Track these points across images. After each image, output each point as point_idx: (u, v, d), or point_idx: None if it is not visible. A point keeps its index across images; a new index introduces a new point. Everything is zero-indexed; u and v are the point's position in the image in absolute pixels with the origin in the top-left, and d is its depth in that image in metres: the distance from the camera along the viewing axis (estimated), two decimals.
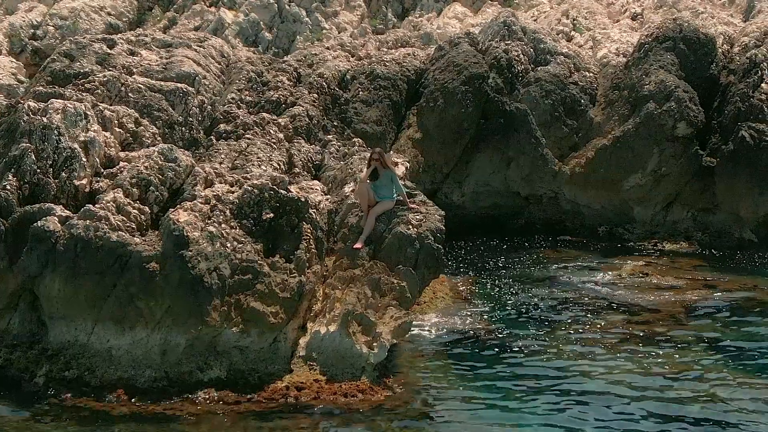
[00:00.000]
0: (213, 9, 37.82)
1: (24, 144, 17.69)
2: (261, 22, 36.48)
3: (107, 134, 19.05)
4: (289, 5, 37.26)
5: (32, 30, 34.65)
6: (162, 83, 22.70)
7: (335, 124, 26.01)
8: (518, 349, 18.91)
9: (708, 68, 29.09)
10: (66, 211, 17.09)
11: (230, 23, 36.13)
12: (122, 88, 21.86)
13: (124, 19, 37.50)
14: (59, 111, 18.31)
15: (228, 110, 23.98)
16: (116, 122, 19.64)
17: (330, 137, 24.41)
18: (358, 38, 35.34)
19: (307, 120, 24.55)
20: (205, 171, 18.42)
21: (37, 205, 17.09)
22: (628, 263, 25.08)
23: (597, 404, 16.15)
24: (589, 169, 28.01)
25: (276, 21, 36.90)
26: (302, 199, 17.76)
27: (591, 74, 29.86)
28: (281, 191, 17.64)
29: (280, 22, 36.85)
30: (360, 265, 17.93)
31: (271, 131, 23.08)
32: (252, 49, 32.29)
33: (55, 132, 17.97)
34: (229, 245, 16.81)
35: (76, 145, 18.07)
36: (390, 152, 24.35)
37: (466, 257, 25.55)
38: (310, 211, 17.91)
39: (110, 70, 22.64)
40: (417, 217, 18.69)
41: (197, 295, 16.18)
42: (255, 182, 17.78)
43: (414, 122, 27.81)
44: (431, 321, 20.26)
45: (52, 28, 35.28)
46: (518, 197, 28.76)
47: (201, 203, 17.30)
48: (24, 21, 34.12)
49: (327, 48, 30.54)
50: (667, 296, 22.31)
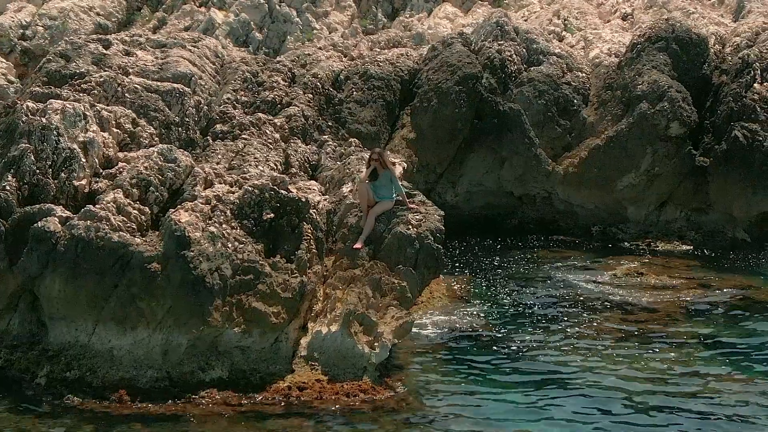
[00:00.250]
0: (203, 9, 37.75)
1: (23, 144, 17.59)
2: (251, 23, 36.46)
3: (105, 135, 18.97)
4: (280, 5, 37.24)
5: (21, 30, 34.58)
6: (158, 83, 22.66)
7: (330, 125, 26.04)
8: (517, 348, 18.96)
9: (700, 68, 29.22)
10: (66, 212, 16.99)
11: (221, 23, 36.10)
12: (119, 89, 21.81)
13: (113, 20, 37.45)
14: (58, 111, 18.21)
15: (224, 110, 23.93)
16: (114, 123, 19.57)
17: (326, 137, 24.42)
18: (349, 38, 35.36)
19: (303, 120, 24.56)
20: (205, 171, 18.38)
21: (37, 206, 16.99)
22: (623, 263, 25.15)
23: (596, 402, 16.18)
24: (583, 169, 28.10)
25: (266, 21, 36.89)
26: (303, 200, 17.74)
27: (583, 74, 29.97)
28: (282, 191, 17.61)
29: (271, 23, 36.84)
30: (360, 265, 17.93)
31: (268, 131, 23.07)
32: (243, 50, 32.31)
33: (54, 132, 17.87)
34: (230, 245, 16.75)
35: (75, 146, 17.98)
36: (387, 152, 24.34)
37: (461, 257, 25.59)
38: (311, 212, 17.90)
39: (106, 71, 22.57)
40: (417, 217, 18.70)
41: (199, 296, 16.10)
42: (255, 182, 17.73)
43: (408, 122, 27.87)
44: (430, 320, 20.29)
45: (42, 29, 35.20)
46: (512, 197, 28.86)
47: (202, 203, 17.23)
48: (13, 21, 34.04)
49: (319, 48, 30.56)
50: (664, 295, 22.42)
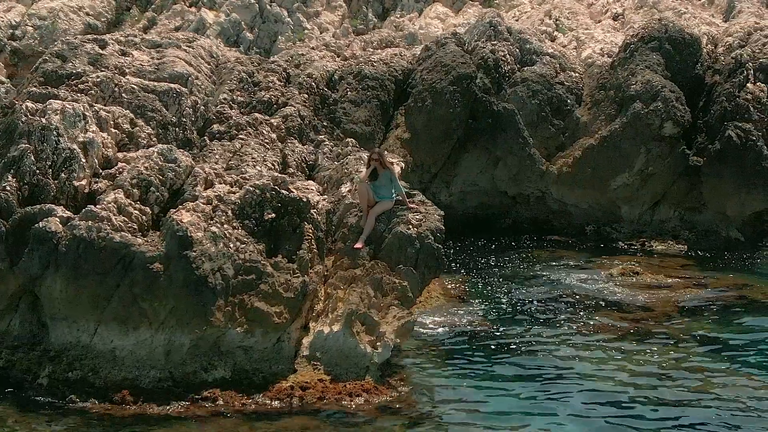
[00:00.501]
0: (193, 9, 37.74)
1: (23, 145, 17.51)
2: (242, 23, 36.48)
3: (104, 135, 18.91)
4: (271, 5, 37.27)
5: (11, 30, 34.55)
6: (155, 84, 22.62)
7: (325, 125, 26.08)
8: (516, 346, 19.06)
9: (693, 68, 29.35)
10: (67, 212, 16.93)
11: (211, 23, 36.11)
12: (116, 89, 21.76)
13: (103, 20, 37.42)
14: (58, 111, 18.13)
15: (220, 110, 23.91)
16: (112, 123, 19.51)
17: (322, 137, 24.43)
18: (341, 38, 35.39)
19: (299, 120, 24.57)
20: (205, 171, 18.37)
21: (38, 206, 16.92)
22: (617, 263, 25.22)
23: (596, 399, 16.27)
24: (577, 169, 28.20)
25: (257, 21, 36.92)
26: (304, 200, 17.73)
27: (576, 74, 30.06)
28: (283, 191, 17.60)
29: (262, 23, 36.87)
30: (361, 265, 17.91)
31: (264, 131, 23.06)
32: (233, 50, 32.30)
33: (54, 133, 17.80)
34: (232, 245, 16.76)
35: (75, 146, 17.91)
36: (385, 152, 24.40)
37: (457, 257, 25.63)
38: (312, 212, 17.91)
39: (103, 71, 22.53)
40: (417, 217, 18.68)
41: (201, 296, 16.12)
42: (256, 182, 17.72)
43: (402, 122, 27.91)
44: (430, 319, 20.35)
45: (31, 29, 35.17)
46: (506, 197, 28.93)
47: (203, 204, 17.22)
48: (2, 21, 34.04)
49: (313, 48, 30.58)
50: (660, 294, 22.55)
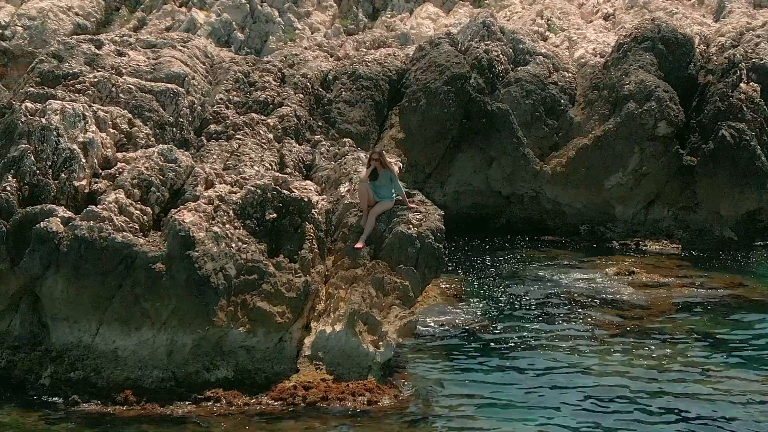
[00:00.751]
0: (184, 9, 37.74)
1: (23, 145, 17.45)
2: (233, 23, 36.51)
3: (103, 135, 18.88)
4: (262, 5, 37.30)
5: (0, 30, 34.50)
6: (152, 84, 22.57)
7: (320, 124, 26.10)
8: (516, 344, 19.16)
9: (686, 68, 29.45)
10: (68, 212, 16.89)
11: (202, 23, 36.11)
12: (113, 89, 21.71)
13: (92, 20, 37.42)
14: (57, 112, 18.09)
15: (217, 111, 23.87)
16: (110, 123, 19.48)
17: (318, 137, 24.43)
18: (332, 38, 35.41)
19: (296, 120, 24.56)
20: (206, 171, 18.37)
21: (39, 206, 16.86)
22: (613, 263, 25.31)
23: (597, 396, 16.37)
24: (570, 169, 28.27)
25: (248, 21, 36.96)
26: (305, 199, 17.74)
27: (570, 74, 30.13)
28: (284, 191, 17.60)
29: (252, 23, 36.91)
30: (362, 265, 17.94)
31: (261, 131, 23.04)
32: (224, 50, 32.27)
33: (54, 133, 17.74)
34: (234, 245, 16.75)
35: (75, 146, 17.86)
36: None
37: (452, 257, 25.60)
38: (313, 211, 17.92)
39: (100, 71, 22.48)
40: (417, 217, 18.74)
41: (204, 296, 16.11)
42: (258, 182, 17.72)
43: (396, 122, 27.95)
44: (431, 318, 20.39)
45: (21, 29, 35.14)
46: (499, 197, 28.98)
47: (205, 204, 17.22)
48: None
49: (306, 48, 30.58)
50: (656, 292, 22.66)
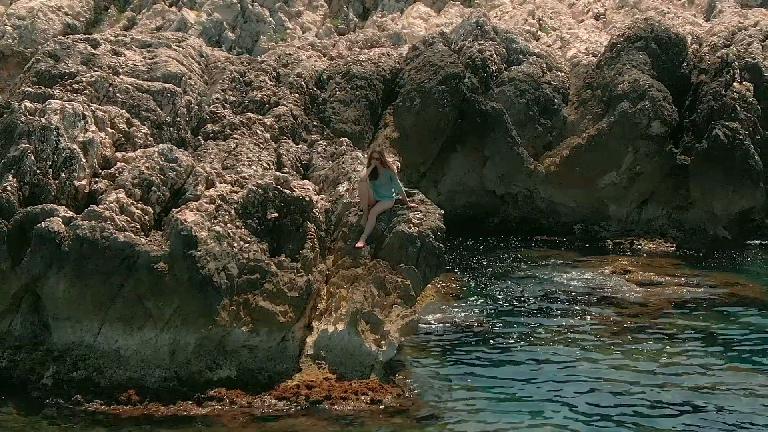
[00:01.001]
0: (174, 9, 37.70)
1: (23, 145, 17.41)
2: (224, 22, 36.48)
3: (102, 135, 18.87)
4: (252, 5, 37.29)
5: None
6: (149, 83, 22.55)
7: (315, 124, 26.10)
8: (515, 342, 19.25)
9: (679, 67, 29.56)
10: (69, 212, 16.87)
11: (193, 23, 36.08)
12: (110, 89, 21.68)
13: (82, 19, 37.36)
14: (57, 111, 18.06)
15: (214, 110, 23.86)
16: (109, 123, 19.47)
17: (314, 137, 24.44)
18: (323, 38, 35.43)
19: (292, 120, 24.56)
20: (206, 171, 18.37)
21: (40, 206, 16.83)
22: (608, 261, 25.41)
23: (598, 393, 16.46)
24: (564, 168, 28.34)
25: (239, 21, 36.95)
26: (306, 199, 17.77)
27: (563, 74, 30.22)
28: (285, 191, 17.62)
29: (243, 22, 36.91)
30: (362, 264, 17.96)
31: (258, 131, 23.04)
32: (215, 50, 32.24)
33: (54, 132, 17.72)
34: (236, 245, 16.76)
35: (75, 146, 17.84)
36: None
37: (448, 256, 25.53)
38: (314, 211, 17.94)
39: (96, 71, 22.45)
40: (417, 216, 18.75)
41: (207, 295, 16.10)
42: (259, 182, 17.74)
43: (391, 122, 27.96)
44: (430, 316, 20.44)
45: (10, 28, 35.06)
46: (494, 196, 29.02)
47: (206, 203, 17.22)
48: None
49: (299, 48, 30.59)
50: (653, 291, 22.76)
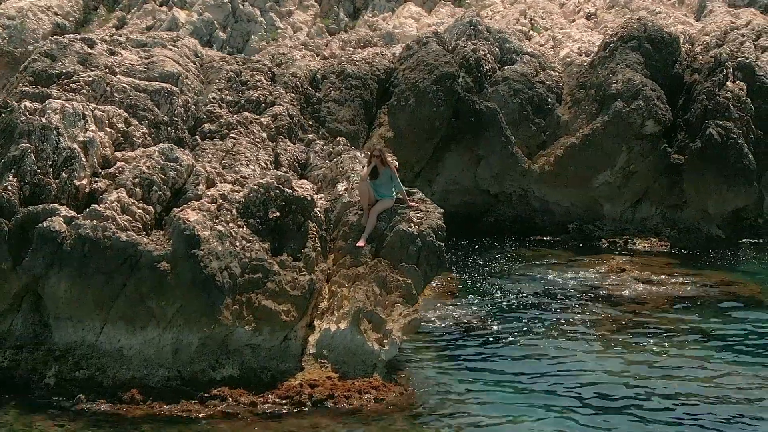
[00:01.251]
0: (164, 8, 37.63)
1: (23, 144, 17.37)
2: (215, 22, 36.42)
3: (101, 134, 18.85)
4: (243, 5, 37.25)
5: None
6: (146, 83, 22.47)
7: (310, 123, 26.10)
8: (514, 339, 19.38)
9: (672, 67, 29.68)
10: (70, 212, 16.84)
11: (184, 23, 36.01)
12: (107, 88, 21.58)
13: (71, 19, 37.27)
14: (57, 111, 18.03)
15: (210, 110, 23.80)
16: (107, 122, 19.44)
17: (311, 136, 24.43)
18: (315, 38, 35.42)
19: (288, 119, 24.52)
20: (206, 170, 18.37)
21: (41, 206, 16.80)
22: (603, 261, 25.49)
23: (598, 390, 16.56)
24: (559, 167, 28.42)
25: (230, 20, 36.89)
26: (308, 198, 17.77)
27: (556, 73, 30.28)
28: (287, 190, 17.63)
29: (234, 22, 36.85)
30: (363, 263, 17.95)
31: (255, 131, 22.98)
32: (206, 49, 32.19)
33: (55, 132, 17.67)
34: (238, 244, 16.74)
35: (76, 145, 17.79)
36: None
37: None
38: (315, 210, 17.95)
39: (93, 70, 22.39)
40: (418, 215, 18.74)
41: (210, 294, 16.09)
42: (260, 181, 17.74)
43: (385, 121, 27.97)
44: (428, 314, 20.44)
45: (0, 28, 34.93)
46: (488, 195, 29.08)
47: (208, 202, 17.22)
48: None
49: (292, 47, 30.59)
50: (649, 289, 22.87)
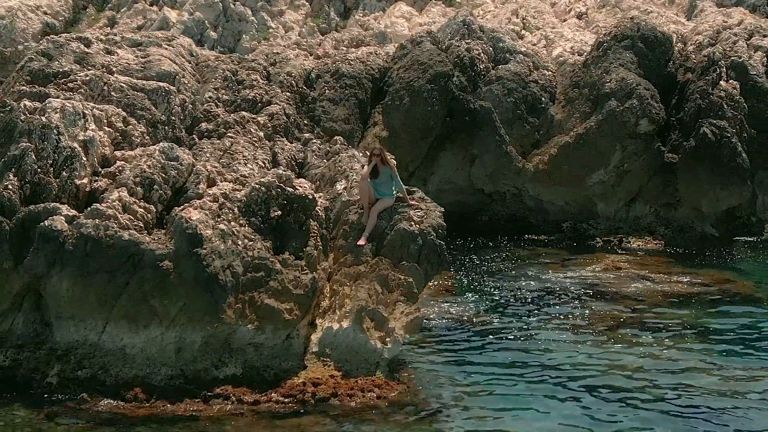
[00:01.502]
0: (155, 8, 37.61)
1: (24, 143, 17.35)
2: (206, 21, 36.41)
3: (100, 133, 18.84)
4: (234, 4, 37.27)
5: None
6: (144, 82, 22.45)
7: (306, 123, 26.12)
8: (514, 336, 19.45)
9: (665, 66, 29.81)
10: (72, 211, 16.83)
11: (175, 22, 35.99)
12: (105, 87, 21.55)
13: (61, 18, 37.24)
14: (57, 110, 18.02)
15: (207, 109, 23.80)
16: (106, 121, 19.43)
17: (307, 135, 24.44)
18: (306, 37, 35.44)
19: (285, 118, 24.54)
20: (207, 169, 18.38)
21: (42, 205, 16.78)
22: (598, 259, 25.60)
23: (599, 388, 16.60)
24: (553, 166, 28.51)
25: (221, 20, 36.90)
26: (309, 197, 17.80)
27: (549, 72, 30.37)
28: (288, 189, 17.64)
29: (225, 21, 36.86)
30: (364, 262, 17.99)
31: (252, 130, 22.97)
32: (198, 49, 32.17)
33: (55, 131, 17.66)
34: (240, 243, 16.77)
35: (76, 145, 17.78)
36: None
37: None
38: (316, 209, 17.98)
39: (90, 69, 22.36)
40: (418, 214, 18.78)
41: (213, 293, 16.11)
42: (262, 180, 17.75)
43: (380, 120, 28.02)
44: (426, 313, 20.44)
45: None
46: (482, 194, 29.15)
47: (210, 201, 17.23)
48: None
49: (285, 47, 30.61)
50: (646, 287, 22.99)
